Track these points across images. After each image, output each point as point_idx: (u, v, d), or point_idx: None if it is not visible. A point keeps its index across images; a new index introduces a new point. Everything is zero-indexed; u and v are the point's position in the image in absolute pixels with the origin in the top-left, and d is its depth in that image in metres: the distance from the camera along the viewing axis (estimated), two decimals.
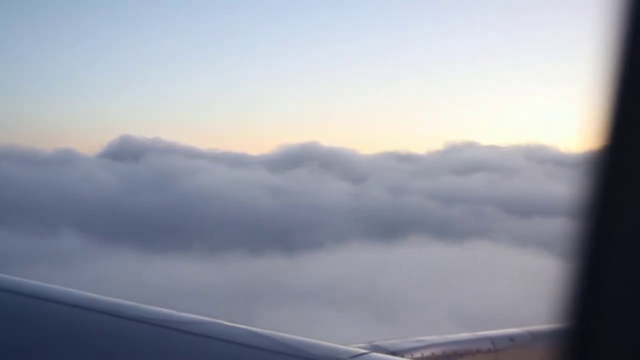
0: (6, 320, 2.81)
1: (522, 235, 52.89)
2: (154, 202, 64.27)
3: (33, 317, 2.85)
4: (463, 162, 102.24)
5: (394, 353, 3.66)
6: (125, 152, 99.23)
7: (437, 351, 3.90)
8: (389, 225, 63.67)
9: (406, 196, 77.13)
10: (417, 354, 3.80)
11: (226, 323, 2.84)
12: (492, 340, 4.13)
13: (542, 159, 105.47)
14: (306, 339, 2.74)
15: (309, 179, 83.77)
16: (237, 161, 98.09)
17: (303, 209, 68.20)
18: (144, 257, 47.89)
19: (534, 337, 4.26)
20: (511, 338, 4.23)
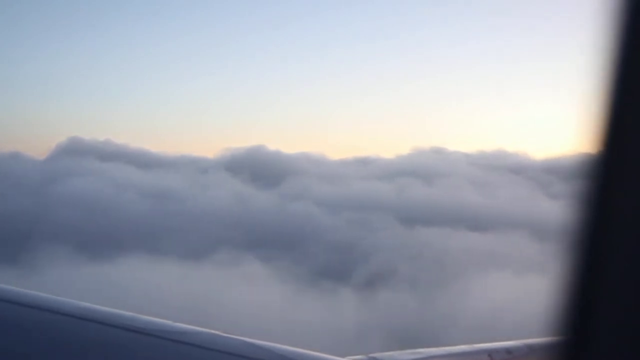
0: (3, 329, 2.80)
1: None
2: (14, 207, 64.96)
3: (28, 327, 2.82)
4: (398, 168, 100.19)
5: None
6: (71, 154, 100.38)
7: None
8: (249, 233, 62.92)
9: (297, 203, 75.93)
10: None
11: (222, 334, 2.85)
12: (489, 352, 4.11)
13: (495, 166, 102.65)
14: (304, 351, 2.77)
15: (214, 183, 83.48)
16: (162, 163, 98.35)
17: (172, 215, 67.96)
18: None
19: (531, 349, 4.21)
20: (508, 350, 4.18)
